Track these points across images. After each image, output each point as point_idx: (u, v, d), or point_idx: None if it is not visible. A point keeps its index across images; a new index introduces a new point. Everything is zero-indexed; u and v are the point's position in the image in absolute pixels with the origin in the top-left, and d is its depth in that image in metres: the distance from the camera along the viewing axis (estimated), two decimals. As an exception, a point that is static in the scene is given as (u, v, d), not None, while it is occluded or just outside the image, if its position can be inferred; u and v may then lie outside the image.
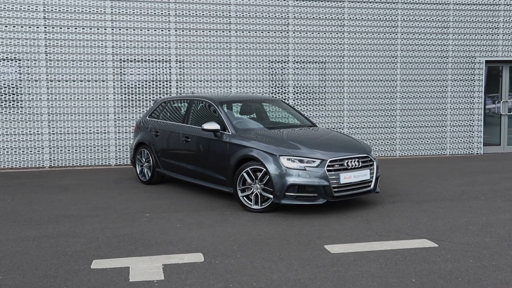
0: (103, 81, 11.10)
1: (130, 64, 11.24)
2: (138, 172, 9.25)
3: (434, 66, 12.67)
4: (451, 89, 12.79)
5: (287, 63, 11.96)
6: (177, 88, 11.45)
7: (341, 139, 7.74)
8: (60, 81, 10.92)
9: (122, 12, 11.07)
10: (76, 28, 10.87)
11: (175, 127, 8.56)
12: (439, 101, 12.76)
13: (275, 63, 11.94)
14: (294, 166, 6.79)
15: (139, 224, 6.46)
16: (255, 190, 7.02)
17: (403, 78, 12.54)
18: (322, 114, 12.21)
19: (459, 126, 12.90)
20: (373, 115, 12.45)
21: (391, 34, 12.37)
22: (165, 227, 6.35)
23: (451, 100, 12.81)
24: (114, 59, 11.10)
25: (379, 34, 12.30)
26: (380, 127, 12.52)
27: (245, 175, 7.08)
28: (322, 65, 12.17)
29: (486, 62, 12.93)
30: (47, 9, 10.69)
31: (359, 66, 12.29)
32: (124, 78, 11.23)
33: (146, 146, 9.07)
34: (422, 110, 12.69)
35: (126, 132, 11.29)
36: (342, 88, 12.27)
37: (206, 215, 6.92)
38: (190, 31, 11.41)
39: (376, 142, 12.49)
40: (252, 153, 7.07)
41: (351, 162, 7.00)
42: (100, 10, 10.95)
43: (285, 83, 12.01)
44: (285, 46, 11.89)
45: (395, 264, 5.04)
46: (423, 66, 12.61)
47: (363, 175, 7.08)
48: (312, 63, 12.12)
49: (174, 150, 8.49)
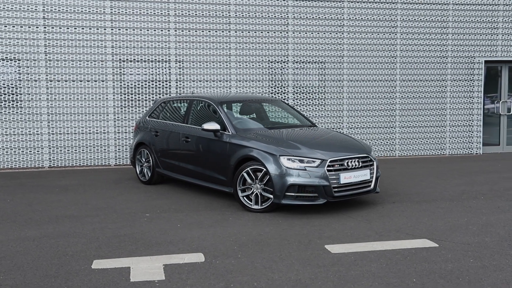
0: (102, 81, 11.09)
1: (129, 64, 11.23)
2: (138, 172, 9.25)
3: (434, 66, 12.68)
4: (450, 89, 12.80)
5: (287, 63, 11.97)
6: (176, 88, 11.45)
7: (341, 139, 7.74)
8: (59, 81, 10.91)
9: (122, 12, 11.06)
10: (75, 28, 10.87)
11: (175, 127, 8.56)
12: (439, 101, 12.77)
13: (274, 63, 11.94)
14: (294, 166, 6.80)
15: (140, 224, 6.46)
16: (255, 190, 7.03)
17: (402, 78, 12.55)
18: (322, 114, 12.22)
19: (459, 126, 12.91)
20: (372, 115, 12.45)
21: (390, 34, 12.38)
22: (165, 227, 6.35)
23: (450, 100, 12.82)
24: (113, 59, 11.10)
25: (378, 34, 12.31)
26: (379, 127, 12.52)
27: (245, 175, 7.08)
28: (322, 65, 12.18)
29: (486, 62, 12.95)
30: (47, 9, 10.69)
31: (358, 66, 12.30)
32: (123, 78, 11.23)
33: (146, 146, 9.07)
34: (421, 110, 12.70)
35: (126, 132, 11.29)
36: (342, 88, 12.27)
37: (206, 215, 6.92)
38: (189, 31, 11.41)
39: (375, 142, 12.49)
40: (252, 153, 7.08)
41: (351, 162, 7.00)
42: (99, 10, 10.94)
43: (284, 83, 12.01)
44: (284, 46, 11.90)
45: (395, 264, 5.05)
46: (423, 66, 12.62)
47: (363, 175, 7.09)
48: (311, 63, 12.13)
49: (174, 150, 8.49)
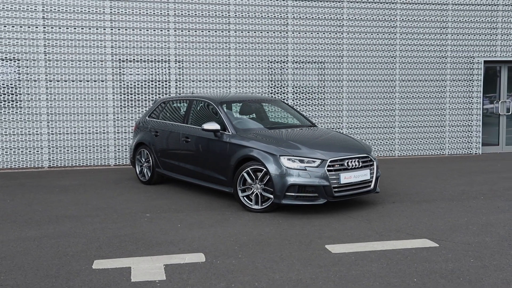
0: (102, 81, 11.09)
1: (129, 64, 11.23)
2: (138, 172, 9.24)
3: (433, 67, 12.69)
4: (449, 89, 12.81)
5: (286, 63, 11.97)
6: (176, 88, 11.45)
7: (341, 139, 7.75)
8: (59, 81, 10.90)
9: (122, 12, 11.06)
10: (75, 28, 10.86)
11: (175, 127, 8.56)
12: (438, 101, 12.78)
13: (274, 63, 11.94)
14: (295, 166, 6.80)
15: (140, 224, 6.46)
16: (255, 190, 7.03)
17: (402, 78, 12.56)
18: (321, 114, 12.23)
19: (458, 126, 12.92)
20: (372, 115, 12.46)
21: (390, 35, 12.39)
22: (165, 227, 6.35)
23: (449, 100, 12.83)
24: (113, 59, 11.09)
25: (378, 34, 12.32)
26: (379, 127, 12.53)
27: (245, 175, 7.08)
28: (321, 65, 12.18)
29: (485, 62, 12.96)
30: (46, 9, 10.68)
31: (358, 66, 12.31)
32: (123, 78, 11.22)
33: (145, 146, 9.06)
34: (421, 110, 12.71)
35: (125, 132, 11.29)
36: (341, 88, 12.28)
37: (206, 215, 6.92)
38: (189, 31, 11.41)
39: (375, 142, 12.50)
40: (252, 153, 7.08)
41: (351, 162, 7.01)
42: (99, 10, 10.94)
43: (284, 83, 12.02)
44: (284, 46, 11.90)
45: (396, 264, 5.05)
46: (422, 66, 12.63)
47: (363, 175, 7.09)
48: (311, 63, 12.13)
49: (174, 150, 8.48)
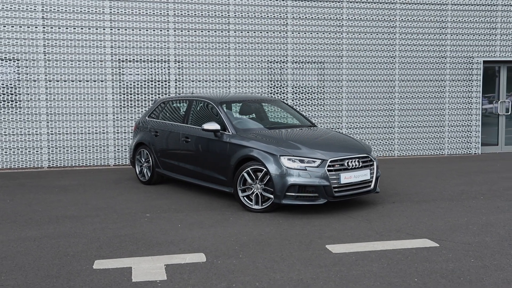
0: (102, 81, 11.08)
1: (129, 64, 11.23)
2: (138, 172, 9.24)
3: (432, 67, 12.70)
4: (449, 89, 12.82)
5: (286, 63, 11.97)
6: (176, 88, 11.45)
7: (341, 139, 7.75)
8: (58, 81, 10.90)
9: (121, 12, 11.05)
10: (74, 28, 10.86)
11: (175, 127, 8.56)
12: (437, 101, 12.79)
13: (274, 63, 11.94)
14: (295, 166, 6.80)
15: (140, 224, 6.46)
16: (255, 190, 7.03)
17: (401, 79, 12.56)
18: (321, 114, 12.23)
19: (457, 126, 12.94)
20: (371, 115, 12.47)
21: (389, 35, 12.39)
22: (166, 227, 6.35)
23: (449, 100, 12.84)
24: (113, 59, 11.09)
25: (377, 34, 12.33)
26: (378, 127, 12.54)
27: (245, 175, 7.08)
28: (321, 65, 12.19)
29: (484, 62, 12.97)
30: (46, 9, 10.67)
31: (357, 66, 12.32)
32: (123, 78, 11.22)
33: (145, 146, 9.06)
34: (420, 110, 12.72)
35: (125, 132, 11.28)
36: (341, 88, 12.28)
37: (206, 215, 6.92)
38: (189, 31, 11.41)
39: (374, 142, 12.51)
40: (252, 153, 7.08)
41: (351, 162, 7.01)
42: (99, 10, 10.93)
43: (284, 83, 12.02)
44: (283, 46, 11.90)
45: (396, 264, 5.06)
46: (422, 66, 12.64)
47: (363, 175, 7.10)
48: (310, 63, 12.14)
49: (174, 150, 8.48)
